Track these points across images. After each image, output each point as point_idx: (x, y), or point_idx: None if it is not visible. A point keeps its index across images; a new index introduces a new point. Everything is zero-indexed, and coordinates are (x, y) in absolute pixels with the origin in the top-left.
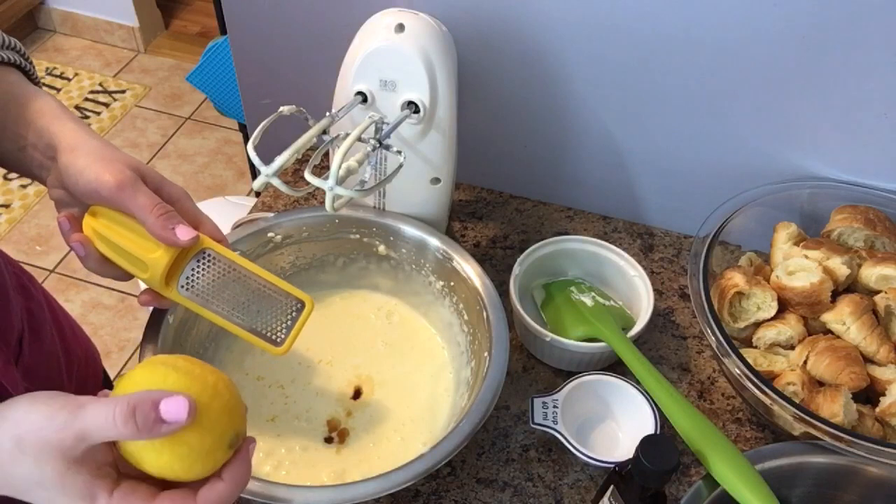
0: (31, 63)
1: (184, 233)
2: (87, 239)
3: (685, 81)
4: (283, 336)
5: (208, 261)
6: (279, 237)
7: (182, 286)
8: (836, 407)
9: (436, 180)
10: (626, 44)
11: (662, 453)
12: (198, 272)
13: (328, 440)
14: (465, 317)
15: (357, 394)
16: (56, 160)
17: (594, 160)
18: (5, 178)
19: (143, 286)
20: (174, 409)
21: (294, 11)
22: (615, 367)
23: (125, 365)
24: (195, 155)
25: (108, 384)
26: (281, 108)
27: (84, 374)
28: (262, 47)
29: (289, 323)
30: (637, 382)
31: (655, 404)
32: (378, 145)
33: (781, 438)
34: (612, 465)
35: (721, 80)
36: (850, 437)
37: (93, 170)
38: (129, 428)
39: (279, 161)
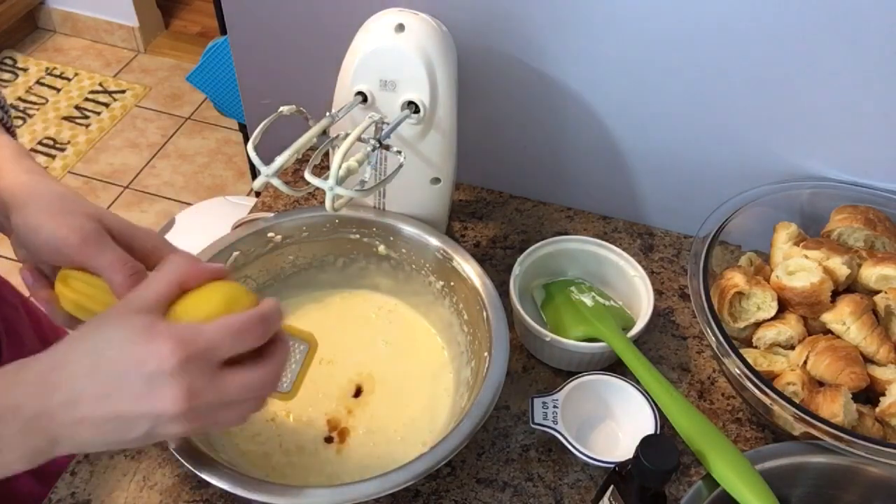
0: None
1: None
2: (54, 298)
3: (685, 81)
4: (287, 382)
5: None
6: (279, 237)
7: None
8: (836, 407)
9: (436, 180)
10: (626, 44)
11: (662, 453)
12: None
13: (328, 440)
14: (465, 317)
15: (358, 392)
16: (7, 217)
17: (594, 160)
18: None
19: None
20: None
21: (294, 11)
22: (615, 367)
23: None
24: (195, 155)
25: None
26: (281, 108)
27: None
28: (262, 47)
29: (293, 366)
30: (637, 382)
31: (655, 404)
32: (378, 145)
33: (781, 438)
34: (612, 465)
35: (721, 79)
36: (850, 437)
37: (49, 227)
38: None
39: (279, 161)
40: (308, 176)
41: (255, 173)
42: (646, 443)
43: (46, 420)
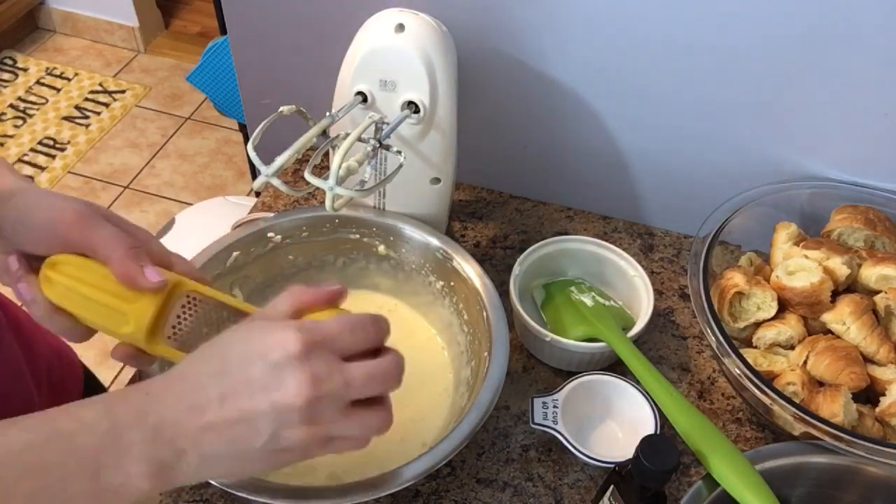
0: None
1: (153, 274)
2: (37, 281)
3: (685, 81)
4: None
5: (194, 304)
6: (279, 237)
7: (170, 337)
8: (836, 407)
9: (436, 180)
10: (626, 44)
11: (662, 453)
12: (185, 319)
13: None
14: (465, 317)
15: None
16: None
17: (594, 160)
18: None
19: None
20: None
21: (294, 11)
22: (615, 367)
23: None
24: (195, 155)
25: (91, 382)
26: (281, 108)
27: (59, 376)
28: (262, 47)
29: None
30: (637, 382)
31: (655, 404)
32: (378, 145)
33: (781, 438)
34: (612, 465)
35: (721, 80)
36: (850, 437)
37: (45, 205)
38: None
39: (279, 161)
40: (308, 176)
41: (255, 173)
42: (646, 443)
43: (173, 428)
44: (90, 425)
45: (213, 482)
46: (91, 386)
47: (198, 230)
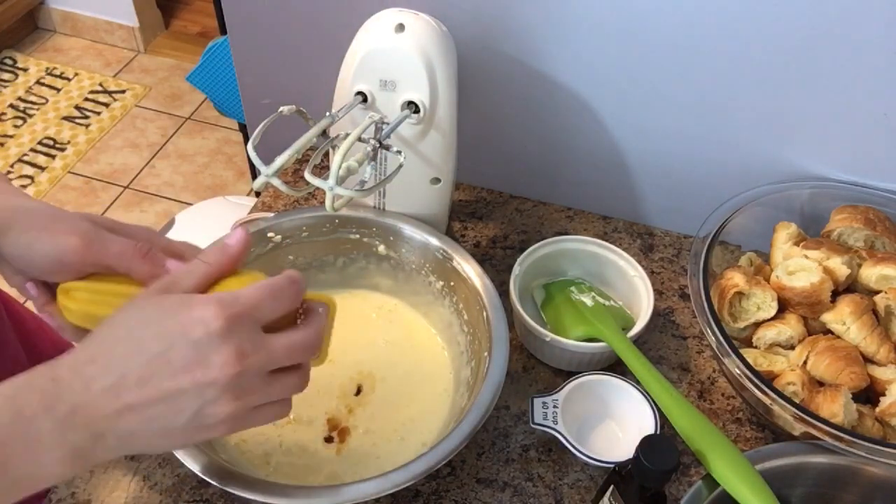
0: None
1: (174, 266)
2: (57, 310)
3: (686, 81)
4: None
5: None
6: (279, 237)
7: None
8: (836, 407)
9: (436, 180)
10: (626, 44)
11: (662, 453)
12: None
13: (328, 440)
14: (465, 317)
15: (358, 391)
16: None
17: (594, 160)
18: None
19: None
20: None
21: (294, 11)
22: (615, 367)
23: None
24: (195, 155)
25: None
26: (281, 108)
27: None
28: (262, 47)
29: None
30: (637, 382)
31: (655, 404)
32: (378, 145)
33: (781, 438)
34: (612, 465)
35: (721, 80)
36: (850, 437)
37: (44, 240)
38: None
39: (279, 161)
40: (308, 176)
41: (255, 173)
42: (646, 443)
43: (87, 412)
44: None
45: (212, 482)
46: None
47: (198, 230)
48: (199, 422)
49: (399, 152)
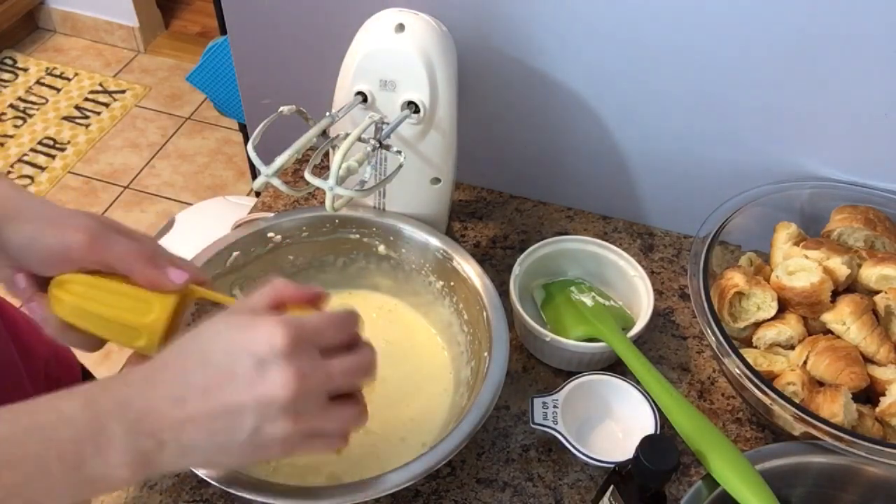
0: None
1: (177, 275)
2: (47, 299)
3: (686, 82)
4: None
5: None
6: (279, 237)
7: None
8: (836, 407)
9: (436, 180)
10: (626, 44)
11: (662, 453)
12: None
13: None
14: (465, 317)
15: None
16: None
17: (594, 160)
18: None
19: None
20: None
21: (294, 11)
22: (615, 367)
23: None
24: (195, 155)
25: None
26: (281, 108)
27: (57, 376)
28: (262, 47)
29: None
30: (637, 382)
31: (655, 404)
32: (378, 145)
33: (781, 438)
34: (612, 465)
35: (721, 80)
36: (850, 437)
37: (49, 233)
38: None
39: (279, 161)
40: (308, 176)
41: (255, 173)
42: (646, 443)
43: (154, 419)
44: (70, 417)
45: (212, 482)
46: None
47: (198, 230)
48: (257, 440)
49: (399, 152)
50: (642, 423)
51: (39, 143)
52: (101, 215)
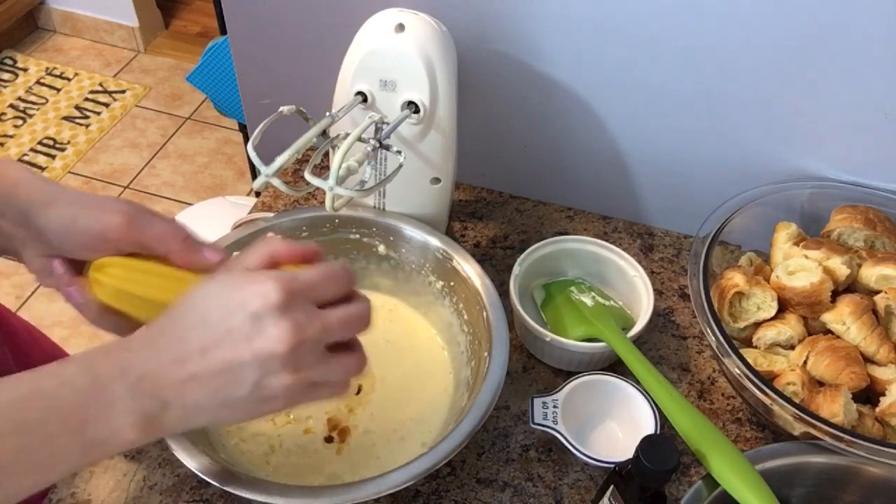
0: None
1: (212, 254)
2: (86, 283)
3: (685, 81)
4: None
5: None
6: (279, 237)
7: None
8: (836, 407)
9: (436, 180)
10: (626, 44)
11: (662, 453)
12: None
13: (328, 440)
14: (465, 317)
15: (358, 390)
16: (29, 225)
17: (594, 160)
18: None
19: None
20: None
21: (294, 11)
22: (615, 367)
23: None
24: (195, 155)
25: None
26: (281, 108)
27: None
28: (262, 47)
29: None
30: (637, 382)
31: (655, 404)
32: (378, 145)
33: (781, 438)
34: (612, 465)
35: (721, 80)
36: (850, 437)
37: (87, 216)
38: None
39: (279, 161)
40: (308, 176)
41: (255, 173)
42: (646, 443)
43: (156, 379)
44: (71, 382)
45: (212, 482)
46: None
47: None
48: (259, 393)
49: (399, 152)
50: (642, 423)
51: (39, 143)
52: (135, 202)
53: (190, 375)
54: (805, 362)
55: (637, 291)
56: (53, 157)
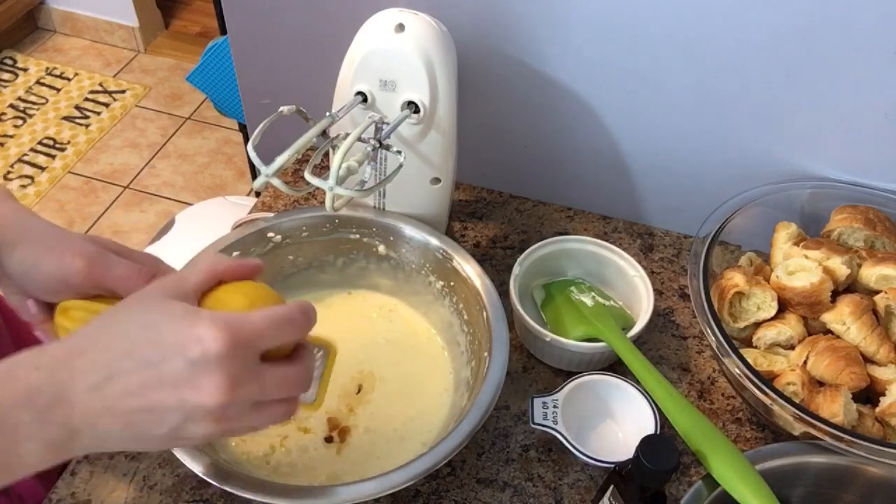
0: None
1: None
2: (53, 329)
3: (685, 81)
4: (311, 392)
5: None
6: (279, 237)
7: None
8: (836, 407)
9: (436, 180)
10: (626, 44)
11: (662, 453)
12: None
13: (328, 439)
14: (465, 317)
15: (358, 390)
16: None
17: (594, 160)
18: (6, 177)
19: None
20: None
21: (294, 11)
22: (615, 367)
23: None
24: (195, 155)
25: None
26: (281, 108)
27: None
28: (262, 47)
29: (315, 372)
30: (637, 382)
31: (655, 404)
32: (378, 145)
33: (781, 438)
34: (612, 465)
35: (721, 80)
36: (850, 437)
37: (49, 260)
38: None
39: (279, 161)
40: (308, 176)
41: (255, 173)
42: (646, 443)
43: (67, 408)
44: None
45: (212, 482)
46: None
47: (198, 230)
48: (176, 434)
49: (399, 152)
50: (642, 423)
51: (39, 143)
52: (101, 237)
53: (106, 407)
54: (805, 362)
55: (637, 291)
56: (53, 157)
